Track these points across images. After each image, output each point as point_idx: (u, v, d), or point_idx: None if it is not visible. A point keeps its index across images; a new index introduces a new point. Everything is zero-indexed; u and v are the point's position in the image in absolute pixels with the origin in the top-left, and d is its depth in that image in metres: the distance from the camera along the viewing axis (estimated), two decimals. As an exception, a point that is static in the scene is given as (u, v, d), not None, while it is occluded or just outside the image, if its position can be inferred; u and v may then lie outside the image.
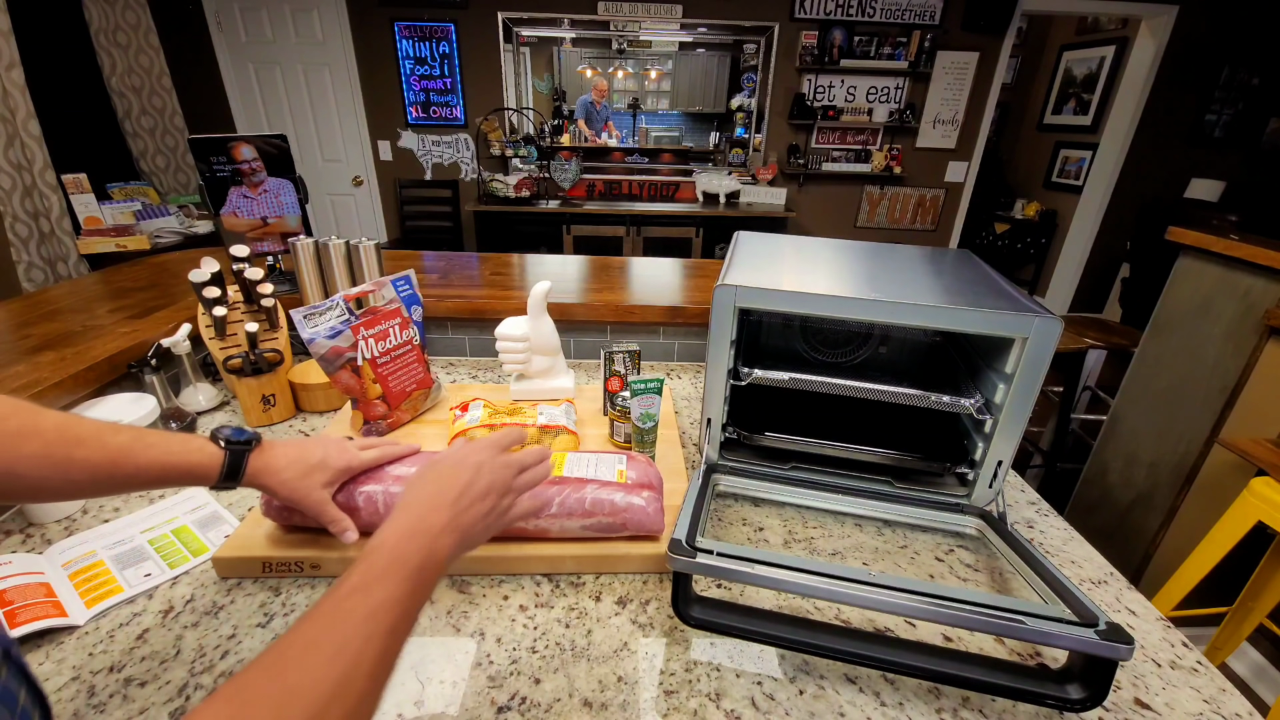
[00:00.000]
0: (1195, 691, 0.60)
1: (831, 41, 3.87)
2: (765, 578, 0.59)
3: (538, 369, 1.05)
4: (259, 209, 1.25)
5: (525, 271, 1.55)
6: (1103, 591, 0.74)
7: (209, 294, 0.98)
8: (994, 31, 3.84)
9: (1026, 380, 0.71)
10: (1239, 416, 1.53)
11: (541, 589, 0.69)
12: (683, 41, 4.17)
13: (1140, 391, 1.85)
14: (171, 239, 2.75)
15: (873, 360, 1.05)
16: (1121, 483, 1.90)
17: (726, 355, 0.79)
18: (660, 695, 0.57)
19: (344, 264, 1.15)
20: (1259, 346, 1.48)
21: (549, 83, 4.35)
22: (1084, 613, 0.56)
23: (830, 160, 4.25)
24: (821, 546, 0.79)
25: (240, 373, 0.98)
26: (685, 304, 1.29)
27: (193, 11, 3.65)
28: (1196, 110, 4.09)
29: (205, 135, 1.17)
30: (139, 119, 3.44)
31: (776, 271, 0.85)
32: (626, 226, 3.92)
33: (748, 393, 0.88)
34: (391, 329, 0.94)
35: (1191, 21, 3.83)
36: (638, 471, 0.75)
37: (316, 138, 4.09)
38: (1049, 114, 4.84)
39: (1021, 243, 4.87)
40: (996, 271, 0.89)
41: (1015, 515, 0.88)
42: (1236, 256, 1.52)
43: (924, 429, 0.92)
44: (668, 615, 0.66)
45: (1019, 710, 0.57)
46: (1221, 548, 1.27)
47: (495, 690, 0.57)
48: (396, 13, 3.78)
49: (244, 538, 0.71)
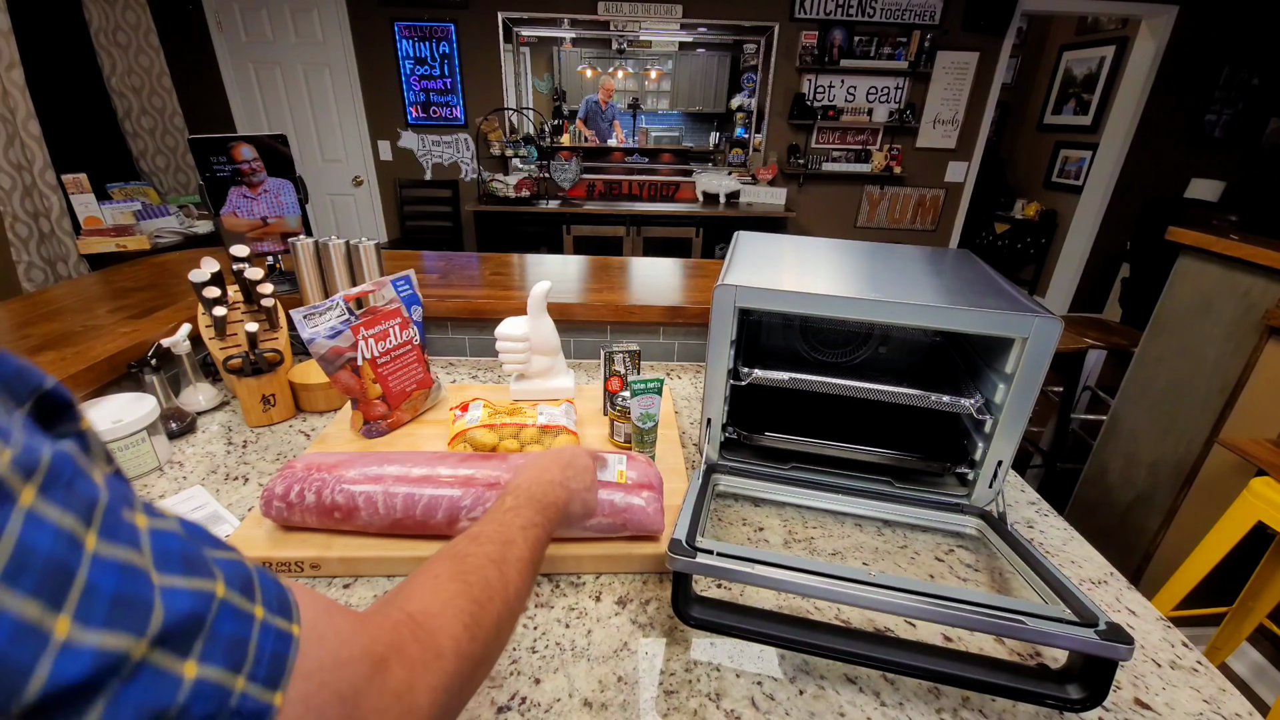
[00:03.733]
0: (1195, 691, 0.60)
1: (831, 41, 3.87)
2: (765, 578, 0.59)
3: (538, 369, 1.05)
4: (259, 209, 1.25)
5: (525, 271, 1.55)
6: (1103, 591, 0.74)
7: (209, 294, 0.98)
8: (994, 31, 3.84)
9: (1026, 380, 0.71)
10: (1239, 416, 1.53)
11: (541, 589, 0.69)
12: (683, 41, 4.17)
13: (1140, 391, 1.85)
14: (171, 239, 2.75)
15: (873, 360, 1.05)
16: (1121, 483, 1.90)
17: (726, 355, 0.79)
18: (660, 695, 0.57)
19: (344, 264, 1.15)
20: (1259, 346, 1.48)
21: (549, 83, 4.34)
22: (1084, 613, 0.56)
23: (830, 160, 4.25)
24: (821, 546, 0.79)
25: (240, 373, 0.98)
26: (685, 304, 1.29)
27: (193, 11, 3.64)
28: (1196, 110, 4.09)
29: (205, 135, 1.17)
30: (139, 119, 3.44)
31: (776, 271, 0.85)
32: (626, 226, 3.92)
33: (748, 393, 0.88)
34: (391, 329, 0.94)
35: (1191, 21, 3.83)
36: (638, 471, 0.75)
37: (316, 138, 4.09)
38: (1049, 114, 4.84)
39: (1021, 243, 4.87)
40: (996, 271, 0.89)
41: (1015, 515, 0.88)
42: (1236, 256, 1.52)
43: (924, 429, 0.92)
44: (668, 615, 0.66)
45: (1019, 710, 0.57)
46: (1221, 548, 1.27)
47: (495, 690, 0.57)
48: (396, 13, 3.78)
49: (244, 538, 0.71)
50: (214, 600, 0.22)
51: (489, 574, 0.39)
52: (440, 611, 0.34)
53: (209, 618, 0.21)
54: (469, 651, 0.33)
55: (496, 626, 0.37)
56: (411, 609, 0.33)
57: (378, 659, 0.28)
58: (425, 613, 0.33)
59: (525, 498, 0.51)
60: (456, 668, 0.32)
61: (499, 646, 0.38)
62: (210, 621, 0.21)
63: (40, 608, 0.16)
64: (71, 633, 0.17)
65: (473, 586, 0.37)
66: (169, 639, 0.19)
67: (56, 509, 0.18)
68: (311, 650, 0.25)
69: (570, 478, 0.59)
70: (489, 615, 0.36)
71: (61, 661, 0.16)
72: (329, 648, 0.26)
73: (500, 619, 0.37)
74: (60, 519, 0.18)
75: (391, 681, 0.28)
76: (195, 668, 0.20)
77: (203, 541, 0.24)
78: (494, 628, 0.36)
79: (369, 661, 0.28)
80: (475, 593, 0.37)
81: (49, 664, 0.16)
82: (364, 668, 0.27)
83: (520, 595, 0.41)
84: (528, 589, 0.43)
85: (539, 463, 0.59)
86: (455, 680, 0.32)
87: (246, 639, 0.22)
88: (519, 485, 0.53)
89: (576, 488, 0.59)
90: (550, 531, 0.51)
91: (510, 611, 0.39)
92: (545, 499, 0.52)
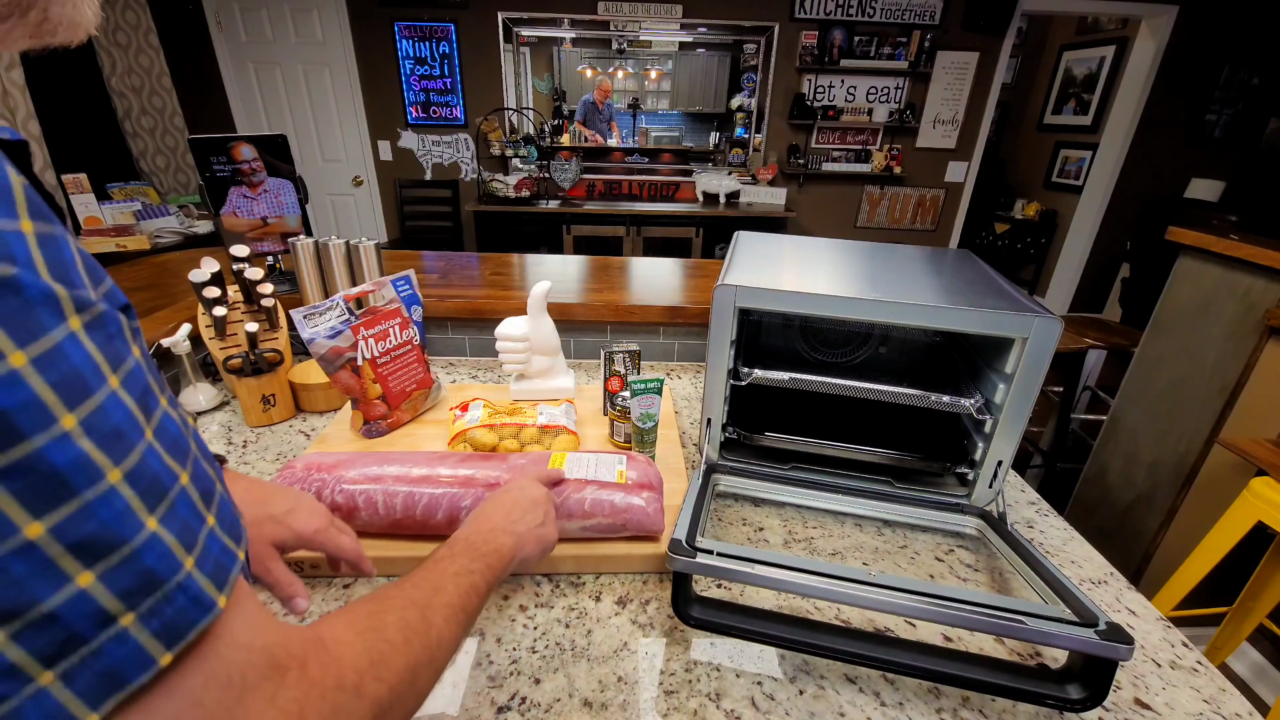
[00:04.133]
0: (1195, 691, 0.60)
1: (831, 41, 3.87)
2: (765, 578, 0.59)
3: (538, 369, 1.05)
4: (259, 209, 1.25)
5: (525, 271, 1.55)
6: (1103, 591, 0.74)
7: (209, 294, 0.98)
8: (994, 31, 3.84)
9: (1026, 380, 0.71)
10: (1239, 416, 1.53)
11: (541, 589, 0.69)
12: (683, 41, 4.17)
13: (1140, 391, 1.85)
14: (171, 239, 2.75)
15: (873, 360, 1.05)
16: (1121, 483, 1.90)
17: (726, 355, 0.79)
18: (660, 695, 0.57)
19: (344, 264, 1.15)
20: (1259, 346, 1.48)
21: (549, 83, 4.35)
22: (1084, 613, 0.56)
23: (830, 160, 4.25)
24: (821, 546, 0.79)
25: (240, 373, 0.98)
26: (685, 304, 1.29)
27: (193, 11, 3.64)
28: (1196, 110, 4.09)
29: (205, 135, 1.17)
30: (139, 119, 3.44)
31: (776, 271, 0.85)
32: (626, 226, 3.92)
33: (748, 393, 0.88)
34: (391, 329, 0.94)
35: (1191, 21, 3.83)
36: (638, 472, 0.75)
37: (316, 138, 4.09)
38: (1049, 114, 4.84)
39: (1021, 243, 4.86)
40: (996, 271, 0.89)
41: (1015, 515, 0.88)
42: (1236, 256, 1.52)
43: (924, 429, 0.92)
44: (668, 615, 0.66)
45: (1019, 710, 0.57)
46: (1221, 548, 1.27)
47: (495, 690, 0.57)
48: (396, 13, 3.78)
49: (244, 538, 0.71)
50: (178, 481, 0.24)
51: (409, 616, 0.38)
52: (351, 643, 0.32)
53: (171, 493, 0.23)
54: (373, 693, 0.31)
55: (410, 671, 0.35)
56: (323, 633, 0.31)
57: (278, 664, 0.27)
58: (336, 641, 0.31)
59: (461, 547, 0.50)
60: (355, 706, 0.30)
61: (413, 695, 0.35)
62: (172, 496, 0.23)
63: (56, 399, 0.19)
64: (73, 429, 0.20)
65: (388, 627, 0.35)
66: (137, 481, 0.22)
67: (93, 344, 0.21)
68: (233, 613, 0.25)
69: (515, 521, 0.56)
70: (401, 658, 0.34)
71: (54, 445, 0.19)
72: (240, 626, 0.26)
73: (416, 664, 0.35)
74: (94, 352, 0.21)
75: (283, 697, 0.26)
76: (155, 523, 0.22)
77: (197, 445, 0.27)
78: (407, 672, 0.34)
79: (269, 662, 0.26)
80: (390, 634, 0.35)
81: (44, 440, 0.19)
82: (261, 664, 0.26)
83: (444, 642, 0.39)
84: (455, 636, 0.41)
85: (482, 511, 0.58)
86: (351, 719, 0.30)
87: (196, 531, 0.24)
88: (457, 537, 0.52)
89: (524, 530, 0.56)
90: (491, 580, 0.49)
91: (430, 658, 0.37)
92: (484, 546, 0.51)
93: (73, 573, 0.19)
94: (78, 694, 0.20)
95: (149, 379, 0.24)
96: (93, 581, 0.20)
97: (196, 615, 0.23)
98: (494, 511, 0.57)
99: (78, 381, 0.20)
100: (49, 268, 0.20)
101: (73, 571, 0.19)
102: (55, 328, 0.20)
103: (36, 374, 0.19)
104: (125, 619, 0.21)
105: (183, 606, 0.22)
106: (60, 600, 0.19)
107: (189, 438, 0.26)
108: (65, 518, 0.19)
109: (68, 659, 0.19)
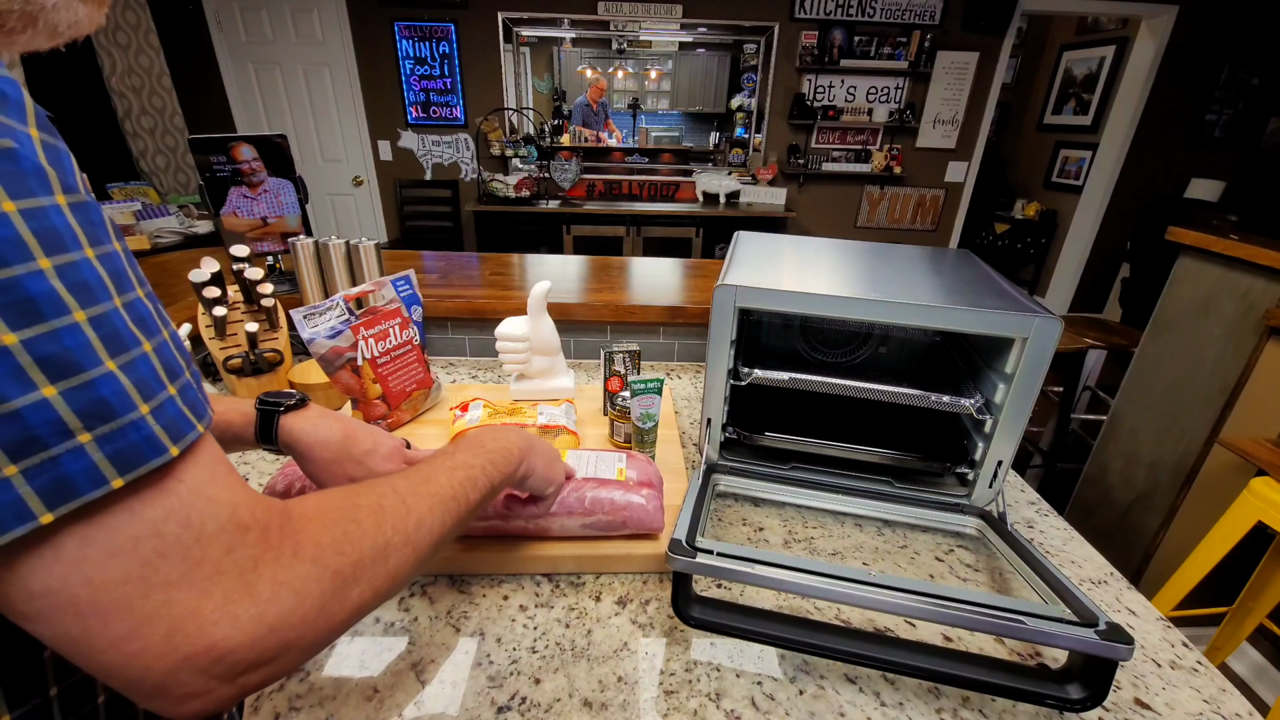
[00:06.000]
0: (1195, 691, 0.60)
1: (831, 41, 3.87)
2: (765, 578, 0.59)
3: (538, 369, 1.05)
4: (259, 209, 1.25)
5: (525, 271, 1.55)
6: (1103, 591, 0.74)
7: (209, 294, 0.98)
8: (994, 31, 3.84)
9: (1026, 380, 0.71)
10: (1239, 416, 1.53)
11: (541, 589, 0.69)
12: (683, 41, 4.17)
13: (1140, 391, 1.85)
14: (171, 239, 2.75)
15: (873, 360, 1.05)
16: (1121, 483, 1.90)
17: (726, 355, 0.79)
18: (660, 695, 0.57)
19: (344, 264, 1.15)
20: (1259, 346, 1.48)
21: (549, 83, 4.35)
22: (1084, 613, 0.56)
23: (830, 160, 4.25)
24: (821, 546, 0.79)
25: (240, 373, 0.98)
26: (685, 304, 1.29)
27: (193, 11, 3.64)
28: (1196, 110, 4.09)
29: (205, 135, 1.17)
30: (139, 119, 3.44)
31: (776, 271, 0.85)
32: (626, 226, 3.92)
33: (748, 393, 0.88)
34: (391, 329, 0.94)
35: (1191, 21, 3.83)
36: (638, 470, 0.75)
37: (316, 138, 4.09)
38: (1049, 114, 4.84)
39: (1021, 243, 4.86)
40: (996, 271, 0.89)
41: (1015, 515, 0.88)
42: (1236, 256, 1.52)
43: (924, 429, 0.92)
44: (668, 615, 0.66)
45: (1019, 710, 0.57)
46: (1221, 548, 1.27)
47: (495, 690, 0.57)
48: (396, 13, 3.78)
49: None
50: (140, 346, 0.26)
51: (386, 501, 0.38)
52: (317, 519, 0.33)
53: (132, 351, 0.25)
54: (334, 565, 0.32)
55: (378, 550, 0.35)
56: (292, 507, 0.33)
57: (240, 522, 0.28)
58: (303, 516, 0.32)
59: (465, 443, 0.50)
60: (311, 573, 0.31)
61: (385, 574, 0.36)
62: (133, 354, 0.25)
63: (35, 244, 0.22)
64: (47, 269, 0.22)
65: (359, 509, 0.36)
66: (100, 327, 0.24)
67: (74, 219, 0.24)
68: (193, 467, 0.27)
69: (526, 435, 0.59)
70: (368, 538, 0.35)
71: (29, 276, 0.22)
72: (204, 478, 0.27)
73: (387, 545, 0.36)
74: (74, 223, 0.24)
75: (240, 552, 0.28)
76: (113, 365, 0.24)
77: (174, 343, 0.28)
78: (374, 550, 0.35)
79: (231, 517, 0.28)
80: (360, 515, 0.36)
81: (21, 270, 0.22)
82: (224, 516, 0.28)
83: (425, 527, 0.39)
84: (443, 522, 0.41)
85: (490, 426, 0.60)
86: (309, 586, 0.30)
87: (154, 390, 0.26)
88: (464, 437, 0.53)
89: (535, 443, 0.59)
90: (494, 477, 0.49)
91: (406, 539, 0.37)
92: (490, 444, 0.51)
93: (39, 382, 0.22)
94: (36, 491, 0.22)
95: (126, 269, 0.26)
96: (55, 395, 0.22)
97: (148, 453, 0.25)
98: (508, 429, 0.59)
99: (56, 238, 0.23)
100: (47, 159, 0.23)
101: (39, 381, 0.22)
102: (43, 195, 0.23)
103: (21, 221, 0.22)
104: (82, 436, 0.23)
105: (135, 441, 0.24)
106: (26, 402, 0.22)
107: (161, 328, 0.28)
108: (35, 335, 0.22)
109: (29, 458, 0.22)
